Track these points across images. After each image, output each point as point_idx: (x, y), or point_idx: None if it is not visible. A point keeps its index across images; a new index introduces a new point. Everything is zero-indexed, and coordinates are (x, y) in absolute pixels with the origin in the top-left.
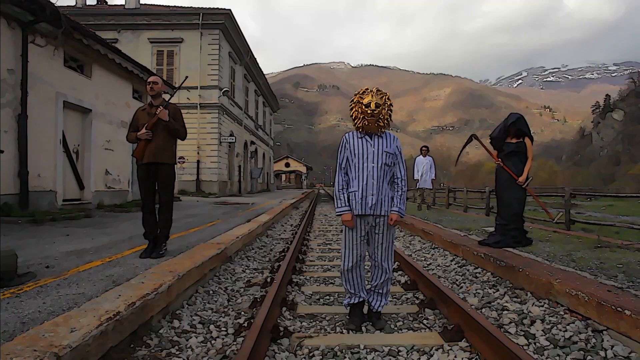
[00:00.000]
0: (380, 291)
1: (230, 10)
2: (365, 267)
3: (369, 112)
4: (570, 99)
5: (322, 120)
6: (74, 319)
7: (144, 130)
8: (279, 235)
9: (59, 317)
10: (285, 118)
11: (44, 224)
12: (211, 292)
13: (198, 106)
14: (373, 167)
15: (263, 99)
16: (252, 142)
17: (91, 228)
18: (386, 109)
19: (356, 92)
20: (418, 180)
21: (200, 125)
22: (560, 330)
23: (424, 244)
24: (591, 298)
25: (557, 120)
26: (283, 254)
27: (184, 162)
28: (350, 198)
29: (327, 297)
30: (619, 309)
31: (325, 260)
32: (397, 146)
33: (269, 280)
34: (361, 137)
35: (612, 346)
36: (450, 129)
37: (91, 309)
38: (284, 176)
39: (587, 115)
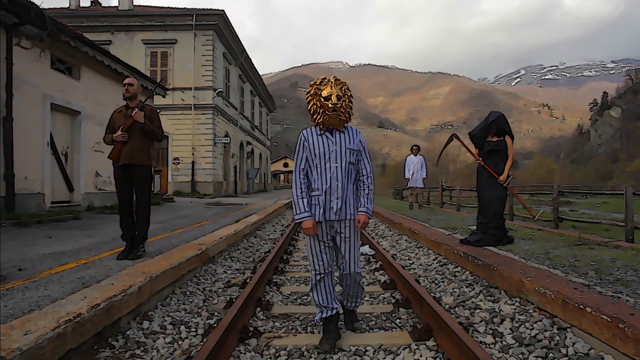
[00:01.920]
0: (354, 294)
1: (223, 11)
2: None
3: (329, 106)
4: (568, 97)
5: None
6: (31, 321)
7: (119, 132)
8: (268, 235)
9: (16, 320)
10: (283, 118)
11: (29, 227)
12: (188, 292)
13: (192, 107)
14: (337, 167)
15: (259, 100)
16: (248, 143)
17: (76, 230)
18: (347, 100)
19: (312, 83)
20: (409, 179)
21: (195, 126)
22: (527, 328)
23: (410, 243)
24: (557, 296)
25: (556, 118)
26: (268, 254)
27: (178, 163)
28: (313, 203)
29: (305, 297)
30: (581, 306)
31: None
32: (360, 140)
33: (248, 280)
34: (321, 134)
35: (574, 343)
36: (450, 127)
37: (52, 311)
38: (282, 176)
39: (586, 112)
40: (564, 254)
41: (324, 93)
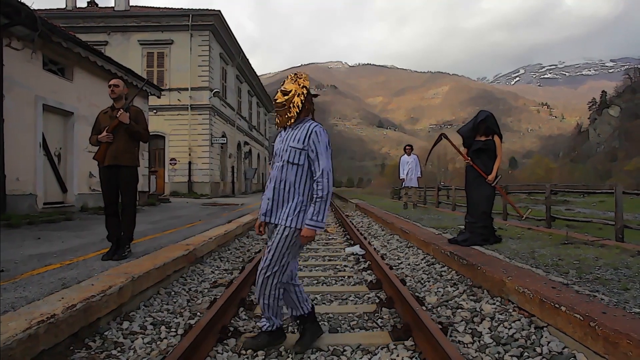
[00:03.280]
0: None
1: (219, 11)
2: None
3: (274, 104)
4: (567, 96)
5: (320, 119)
6: (3, 323)
7: (104, 133)
8: (261, 235)
9: None
10: None
11: (19, 228)
12: (173, 293)
13: (189, 107)
14: (276, 166)
15: (257, 100)
16: (246, 143)
17: (67, 231)
18: (298, 94)
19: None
20: (404, 179)
21: (191, 127)
22: (505, 327)
23: (401, 242)
24: (535, 295)
25: (555, 117)
26: (259, 254)
27: (175, 163)
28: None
29: None
30: (556, 305)
31: (299, 260)
32: (312, 139)
33: (235, 280)
34: (280, 132)
35: (549, 342)
36: (449, 127)
37: (26, 312)
38: None
39: (585, 111)
40: (549, 253)
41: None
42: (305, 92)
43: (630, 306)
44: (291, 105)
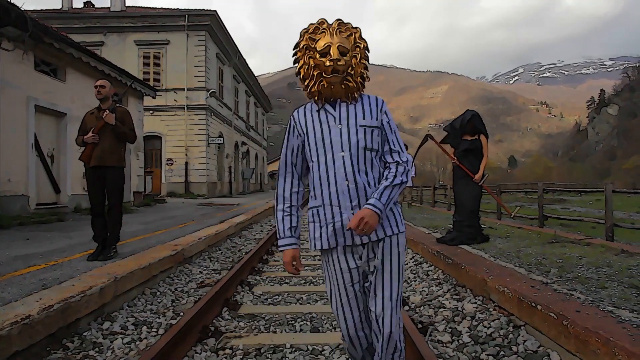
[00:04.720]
0: None
1: (215, 11)
2: None
3: (327, 64)
4: (566, 95)
5: None
6: None
7: (90, 134)
8: (254, 235)
9: None
10: (282, 118)
11: (9, 229)
12: (158, 293)
13: (185, 108)
14: (344, 156)
15: (255, 100)
16: (244, 143)
17: (57, 232)
18: (359, 56)
19: (303, 31)
20: None
21: (188, 127)
22: (484, 326)
23: None
24: (514, 294)
25: (554, 116)
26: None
27: (172, 164)
28: (313, 220)
29: (276, 297)
30: (533, 304)
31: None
32: (385, 112)
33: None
34: (320, 109)
35: (525, 341)
36: None
37: (1, 314)
38: None
39: (584, 110)
40: (535, 252)
41: (320, 45)
42: (368, 52)
43: (604, 304)
44: (351, 71)
